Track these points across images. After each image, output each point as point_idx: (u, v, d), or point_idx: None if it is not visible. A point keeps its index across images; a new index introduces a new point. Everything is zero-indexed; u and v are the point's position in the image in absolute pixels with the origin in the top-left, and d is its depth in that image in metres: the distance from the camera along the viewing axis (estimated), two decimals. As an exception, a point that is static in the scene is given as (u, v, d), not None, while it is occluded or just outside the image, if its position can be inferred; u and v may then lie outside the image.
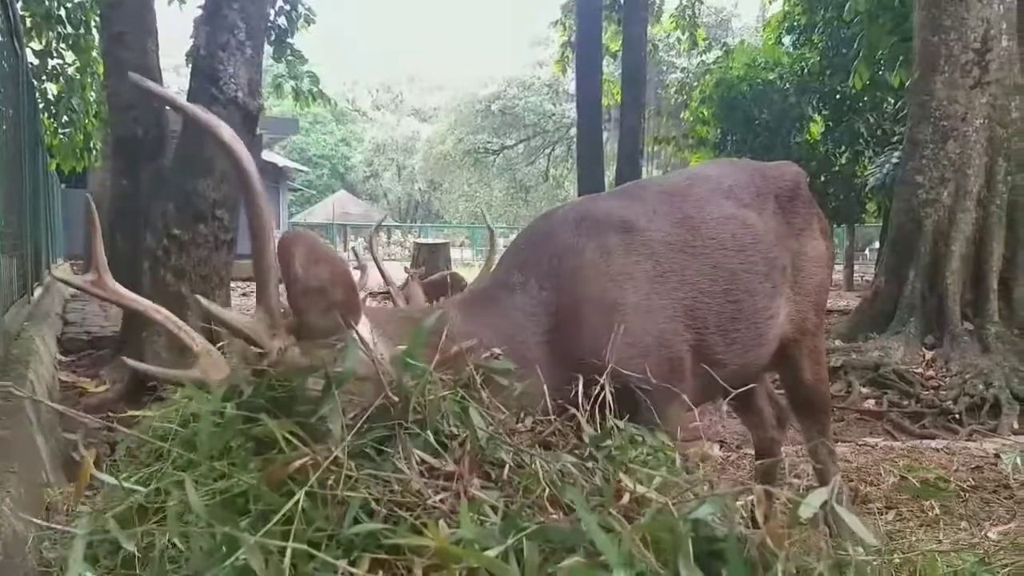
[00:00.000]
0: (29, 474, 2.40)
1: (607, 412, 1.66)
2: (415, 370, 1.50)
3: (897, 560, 2.49)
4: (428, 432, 1.41)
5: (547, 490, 1.33)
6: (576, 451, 1.56)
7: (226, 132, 1.67)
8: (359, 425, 1.38)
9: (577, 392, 1.71)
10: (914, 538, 2.96)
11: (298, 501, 1.21)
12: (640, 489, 1.33)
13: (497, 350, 1.81)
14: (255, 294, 1.68)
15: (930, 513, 3.28)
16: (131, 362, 1.76)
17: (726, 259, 2.38)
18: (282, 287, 1.65)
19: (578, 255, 2.19)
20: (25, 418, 2.86)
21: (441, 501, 1.28)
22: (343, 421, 1.39)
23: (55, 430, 3.49)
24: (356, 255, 2.84)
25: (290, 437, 1.35)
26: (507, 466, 1.39)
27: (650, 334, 2.18)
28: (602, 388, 1.70)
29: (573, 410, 1.65)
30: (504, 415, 1.56)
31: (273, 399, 1.46)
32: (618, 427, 1.63)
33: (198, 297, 1.68)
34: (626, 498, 1.32)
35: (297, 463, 1.28)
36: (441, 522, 1.22)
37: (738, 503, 1.33)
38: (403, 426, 1.42)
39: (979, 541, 2.94)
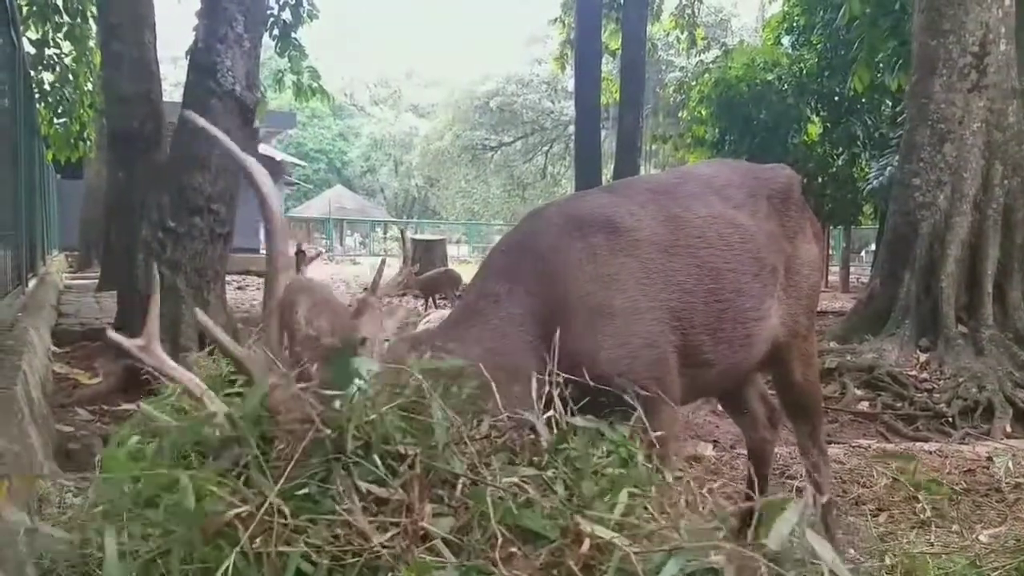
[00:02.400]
0: (22, 466, 2.39)
1: (565, 412, 1.63)
2: (349, 393, 1.42)
3: (889, 562, 2.50)
4: (374, 457, 1.34)
5: (502, 517, 1.27)
6: (533, 456, 1.51)
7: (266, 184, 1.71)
8: (289, 467, 1.30)
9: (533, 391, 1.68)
10: (906, 540, 2.97)
11: (230, 562, 1.16)
12: (600, 532, 1.26)
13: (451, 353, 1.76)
14: (261, 326, 1.67)
15: (922, 515, 3.29)
16: (112, 335, 1.69)
17: (712, 258, 2.37)
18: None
19: (563, 257, 2.18)
20: (17, 410, 2.85)
21: (391, 539, 1.22)
22: (271, 464, 1.32)
23: (48, 421, 3.48)
24: (403, 240, 2.79)
25: (223, 483, 1.29)
26: (459, 486, 1.34)
27: (637, 335, 2.17)
28: (558, 386, 1.66)
29: (528, 414, 1.61)
30: (455, 423, 1.48)
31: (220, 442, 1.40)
32: (574, 428, 1.58)
33: (198, 312, 1.67)
34: (586, 545, 1.25)
35: (229, 515, 1.22)
36: None
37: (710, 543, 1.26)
38: (340, 460, 1.34)
39: (970, 544, 2.95)
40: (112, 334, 1.59)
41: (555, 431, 1.57)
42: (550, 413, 1.61)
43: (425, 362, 1.62)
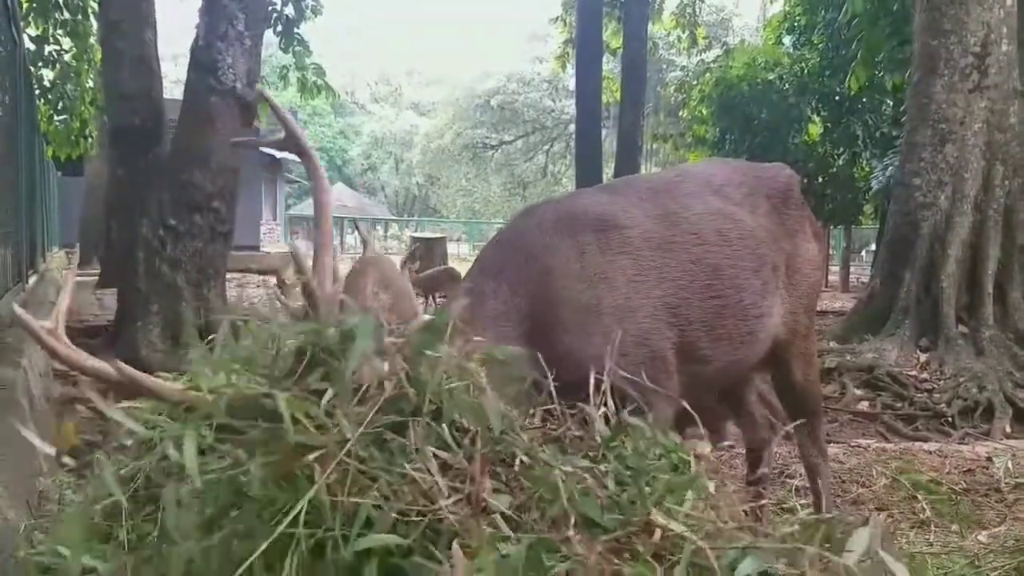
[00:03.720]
0: (21, 462, 2.40)
1: (616, 411, 1.64)
2: (430, 360, 1.43)
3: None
4: (443, 426, 1.36)
5: (563, 502, 1.28)
6: (589, 451, 1.51)
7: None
8: (372, 415, 1.31)
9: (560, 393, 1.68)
10: (905, 540, 2.97)
11: (302, 503, 1.17)
12: (672, 525, 1.27)
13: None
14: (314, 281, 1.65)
15: (921, 515, 3.29)
16: (19, 311, 1.64)
17: (708, 254, 2.37)
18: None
19: (552, 255, 2.18)
20: (18, 406, 2.85)
21: (454, 504, 1.23)
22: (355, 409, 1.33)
23: (48, 418, 3.49)
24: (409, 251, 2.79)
25: (302, 419, 1.27)
26: (517, 465, 1.35)
27: (629, 334, 2.17)
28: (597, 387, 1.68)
29: (584, 407, 1.62)
30: (514, 410, 1.52)
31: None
32: (631, 427, 1.59)
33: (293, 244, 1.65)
34: (657, 535, 1.25)
35: (310, 457, 1.22)
36: (461, 554, 1.15)
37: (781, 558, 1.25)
38: (417, 419, 1.36)
39: (969, 544, 2.95)
40: (18, 310, 1.53)
41: (608, 427, 1.58)
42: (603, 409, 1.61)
43: (488, 348, 1.64)
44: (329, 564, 1.16)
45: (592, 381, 1.67)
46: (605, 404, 1.62)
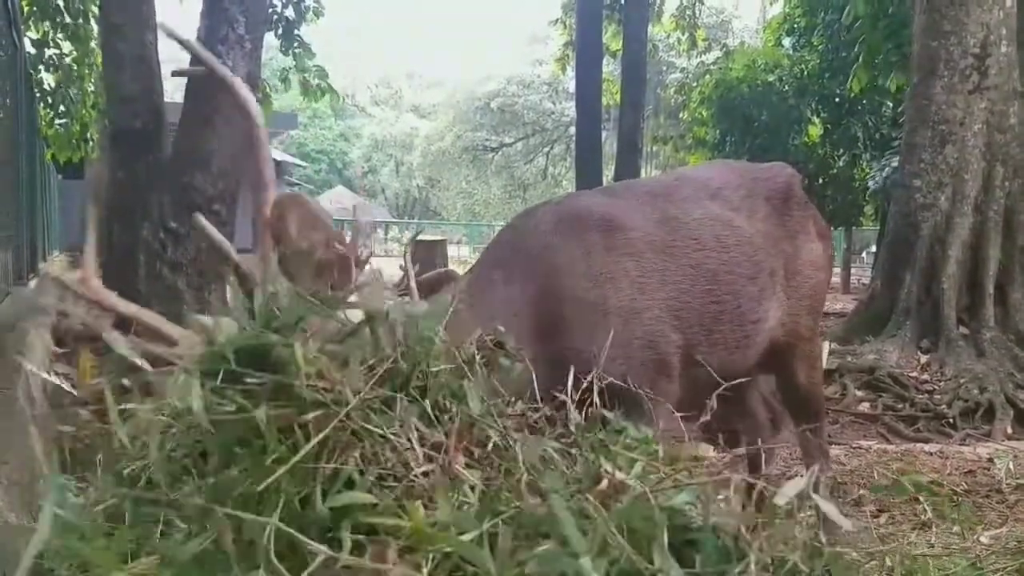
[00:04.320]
0: (22, 463, 2.39)
1: (594, 404, 1.66)
2: (424, 339, 1.49)
3: (889, 563, 2.50)
4: (427, 402, 1.42)
5: (527, 474, 1.34)
6: (562, 438, 1.56)
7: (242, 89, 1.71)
8: (372, 383, 1.38)
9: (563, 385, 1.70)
10: (906, 541, 2.97)
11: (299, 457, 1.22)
12: (619, 475, 1.34)
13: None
14: (254, 245, 1.68)
15: (922, 516, 3.29)
16: (55, 271, 1.70)
17: (707, 259, 2.37)
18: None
19: (557, 254, 2.18)
20: (18, 409, 2.85)
21: (425, 474, 1.29)
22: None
23: (48, 421, 3.48)
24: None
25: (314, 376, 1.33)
26: (490, 444, 1.41)
27: (633, 335, 2.17)
28: (590, 384, 1.69)
29: (562, 397, 1.65)
30: (497, 397, 1.57)
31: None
32: (605, 418, 1.63)
33: (197, 216, 1.67)
34: (604, 483, 1.32)
35: (313, 415, 1.28)
36: (419, 503, 1.23)
37: (717, 494, 1.34)
38: (405, 391, 1.43)
39: (971, 545, 2.95)
40: (54, 271, 1.60)
41: (584, 419, 1.62)
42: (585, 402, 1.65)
43: (489, 335, 1.68)
44: (312, 517, 1.21)
45: (571, 377, 1.69)
46: (592, 402, 1.65)
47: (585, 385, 1.71)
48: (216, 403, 1.33)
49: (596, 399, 1.66)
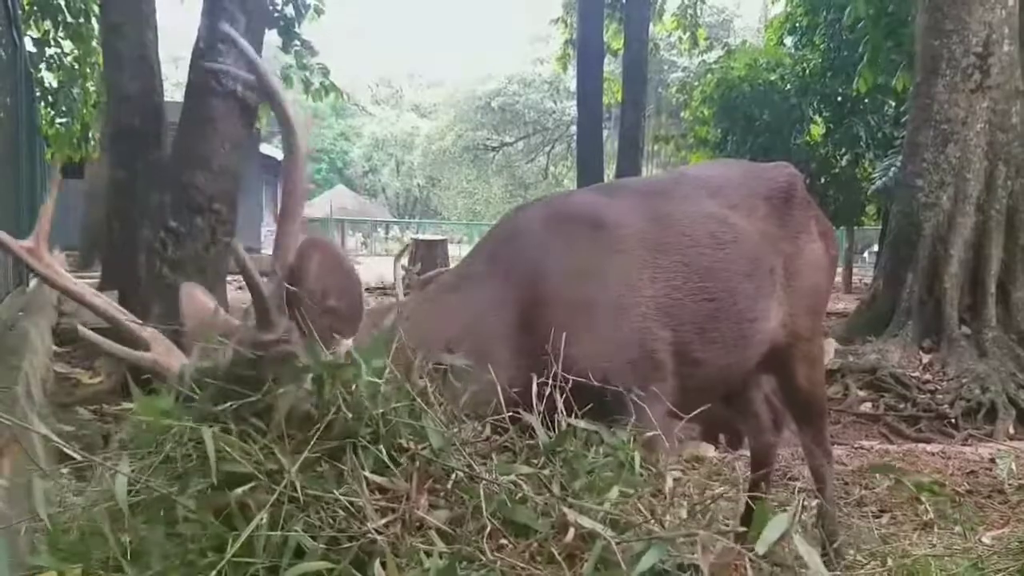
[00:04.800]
0: (22, 465, 2.39)
1: (575, 412, 1.65)
2: (369, 382, 1.44)
3: (891, 563, 2.48)
4: (380, 447, 1.37)
5: (496, 512, 1.31)
6: (531, 457, 1.53)
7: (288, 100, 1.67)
8: (311, 446, 1.33)
9: (533, 392, 1.69)
10: (908, 542, 2.96)
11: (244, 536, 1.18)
12: (584, 523, 1.30)
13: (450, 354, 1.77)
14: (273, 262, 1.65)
15: (924, 517, 3.28)
16: (84, 330, 1.68)
17: (701, 257, 2.35)
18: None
19: (546, 251, 2.17)
20: (19, 409, 2.84)
21: (387, 525, 1.25)
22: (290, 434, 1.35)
23: (49, 421, 3.47)
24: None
25: (231, 452, 1.29)
26: (452, 481, 1.37)
27: (620, 332, 2.16)
28: (565, 387, 1.68)
29: (526, 416, 1.63)
30: (457, 425, 1.53)
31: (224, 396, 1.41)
32: (574, 430, 1.60)
33: (234, 243, 1.65)
34: (570, 534, 1.29)
35: (239, 490, 1.24)
36: (378, 568, 1.18)
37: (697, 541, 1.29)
38: (354, 442, 1.37)
39: (973, 546, 2.93)
40: (2, 234, 1.58)
41: (555, 432, 1.58)
42: (551, 414, 1.62)
43: (437, 357, 1.65)
44: None
45: (535, 388, 1.67)
46: (569, 402, 1.63)
47: (564, 385, 1.70)
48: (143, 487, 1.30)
49: (563, 408, 1.64)
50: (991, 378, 5.82)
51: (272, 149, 23.86)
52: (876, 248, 17.67)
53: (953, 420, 5.48)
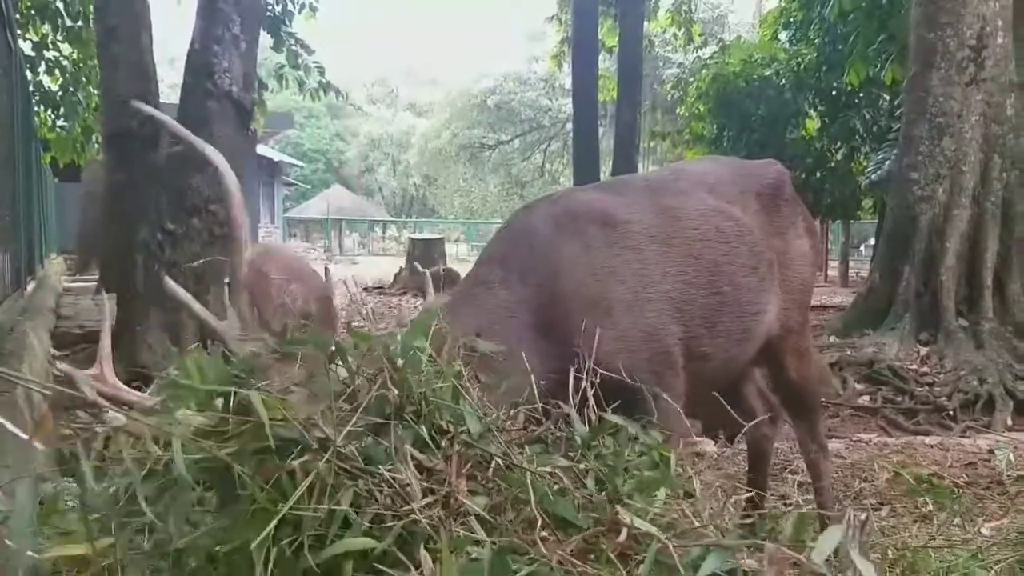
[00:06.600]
0: (22, 468, 2.39)
1: (597, 409, 1.64)
2: (413, 360, 1.45)
3: (891, 555, 2.50)
4: (423, 426, 1.37)
5: (537, 502, 1.29)
6: (568, 451, 1.52)
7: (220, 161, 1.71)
8: (355, 419, 1.33)
9: (565, 387, 1.69)
10: (908, 534, 2.97)
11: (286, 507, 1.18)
12: (639, 524, 1.28)
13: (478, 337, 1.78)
14: (229, 297, 1.67)
15: (923, 509, 3.29)
16: (64, 366, 1.65)
17: (708, 250, 2.37)
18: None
19: (559, 249, 2.18)
20: (18, 411, 2.84)
21: (429, 507, 1.25)
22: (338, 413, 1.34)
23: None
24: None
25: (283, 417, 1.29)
26: (492, 468, 1.36)
27: (637, 328, 2.16)
28: (591, 384, 1.68)
29: (565, 407, 1.63)
30: (495, 412, 1.52)
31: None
32: (611, 425, 1.60)
33: (167, 280, 1.66)
34: (623, 534, 1.27)
35: (295, 464, 1.24)
36: (425, 554, 1.18)
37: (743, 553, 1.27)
38: (400, 419, 1.38)
39: (972, 537, 2.95)
40: (63, 365, 1.57)
41: (589, 427, 1.58)
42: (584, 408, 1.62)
43: (469, 342, 1.64)
44: (307, 565, 1.18)
45: (571, 380, 1.67)
46: (587, 404, 1.63)
47: (594, 380, 1.70)
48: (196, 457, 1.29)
49: (593, 404, 1.63)
50: (988, 370, 5.83)
51: (269, 150, 23.86)
52: (872, 241, 17.69)
53: (951, 412, 5.49)
